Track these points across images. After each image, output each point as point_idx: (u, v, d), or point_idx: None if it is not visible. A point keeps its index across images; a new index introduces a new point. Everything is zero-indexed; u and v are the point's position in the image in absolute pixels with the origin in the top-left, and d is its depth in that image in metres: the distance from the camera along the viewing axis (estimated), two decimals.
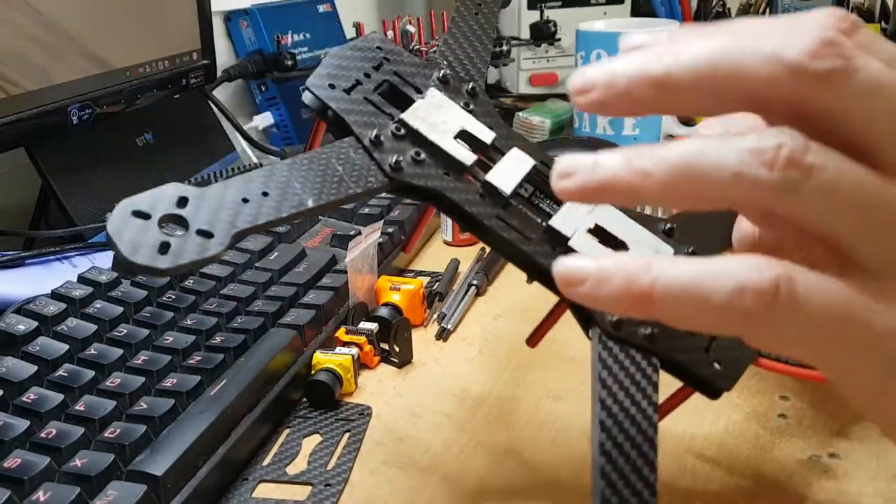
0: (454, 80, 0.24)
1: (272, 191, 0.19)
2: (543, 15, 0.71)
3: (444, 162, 0.22)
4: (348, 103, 0.22)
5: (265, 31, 0.63)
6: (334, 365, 0.31)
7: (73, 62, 0.42)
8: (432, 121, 0.22)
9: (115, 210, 0.17)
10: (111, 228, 0.17)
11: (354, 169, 0.21)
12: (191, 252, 0.17)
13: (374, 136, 0.21)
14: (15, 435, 0.24)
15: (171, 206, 0.18)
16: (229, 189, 0.19)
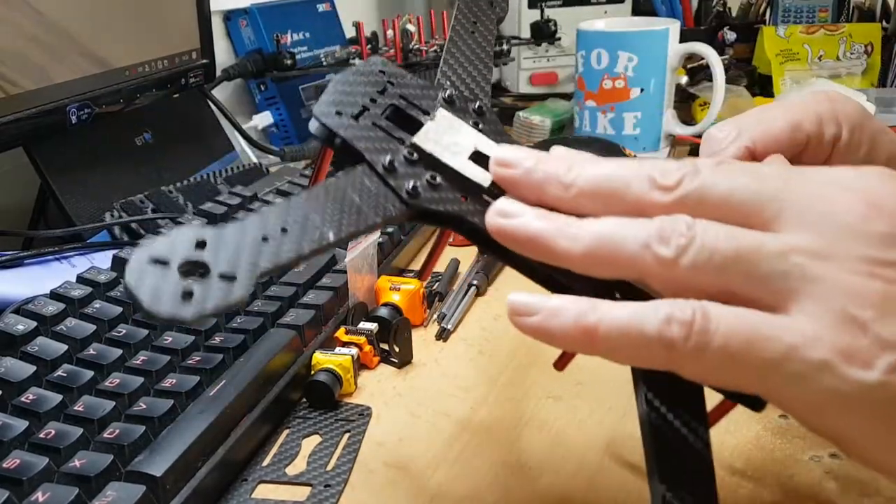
0: (459, 99, 0.23)
1: (291, 227, 0.19)
2: (544, 14, 0.71)
3: (461, 185, 0.22)
4: (357, 130, 0.21)
5: (264, 30, 0.63)
6: (334, 365, 0.31)
7: (73, 62, 0.42)
8: (445, 143, 0.22)
9: (132, 259, 0.17)
10: (129, 279, 0.16)
11: (371, 197, 0.20)
12: (214, 298, 0.17)
13: (388, 162, 0.21)
14: (14, 435, 0.24)
15: (189, 251, 0.17)
16: (248, 228, 0.18)
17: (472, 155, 0.22)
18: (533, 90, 0.75)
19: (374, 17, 0.82)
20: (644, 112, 0.59)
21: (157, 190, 0.47)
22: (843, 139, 0.24)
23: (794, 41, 0.69)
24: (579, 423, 0.29)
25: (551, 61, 0.73)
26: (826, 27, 0.69)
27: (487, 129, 0.23)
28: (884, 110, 0.60)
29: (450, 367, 0.33)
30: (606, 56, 0.58)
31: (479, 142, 0.23)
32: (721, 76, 0.55)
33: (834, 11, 0.73)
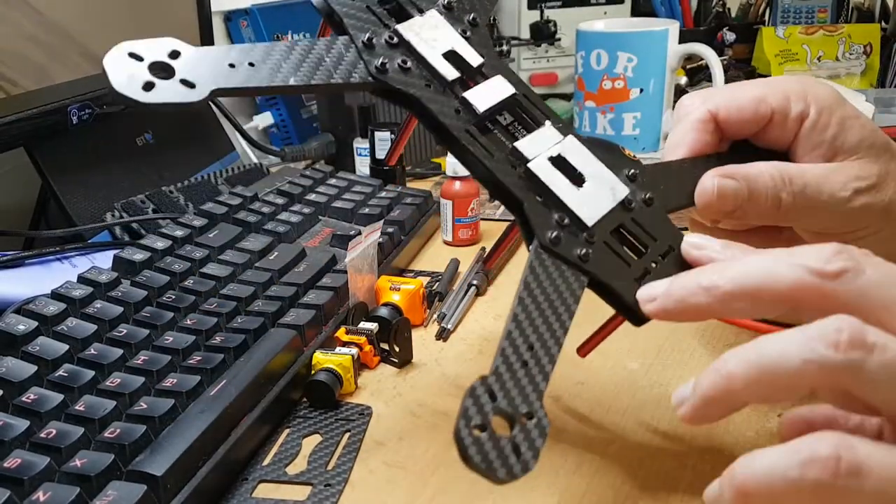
0: (458, 8, 0.25)
1: (258, 63, 0.21)
2: (543, 15, 0.71)
3: (428, 74, 0.23)
4: (351, 8, 0.23)
5: (265, 30, 0.63)
6: (334, 365, 0.31)
7: (73, 62, 0.42)
8: (425, 36, 0.24)
9: (114, 49, 0.19)
10: (107, 61, 0.19)
11: (342, 63, 0.22)
12: (172, 94, 0.19)
13: (367, 38, 0.23)
14: (15, 435, 0.24)
15: (163, 55, 0.20)
16: (220, 53, 0.21)
17: (448, 53, 0.24)
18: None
19: None
20: (643, 112, 0.59)
21: (158, 190, 0.47)
22: (809, 118, 0.24)
23: (794, 42, 0.69)
24: (578, 423, 0.29)
25: (551, 62, 0.74)
26: (825, 28, 0.69)
27: (474, 38, 0.25)
28: (883, 110, 0.60)
29: (450, 367, 0.33)
30: (606, 57, 0.58)
31: (458, 44, 0.24)
32: (720, 77, 0.55)
33: (833, 12, 0.73)
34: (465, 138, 0.23)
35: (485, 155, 0.23)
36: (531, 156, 0.23)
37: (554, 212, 0.23)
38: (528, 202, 0.23)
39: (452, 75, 0.23)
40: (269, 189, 0.46)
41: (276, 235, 0.40)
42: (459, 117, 0.23)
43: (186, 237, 0.38)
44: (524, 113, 0.25)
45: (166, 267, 0.35)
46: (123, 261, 0.35)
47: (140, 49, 0.19)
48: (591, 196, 0.24)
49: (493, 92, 0.24)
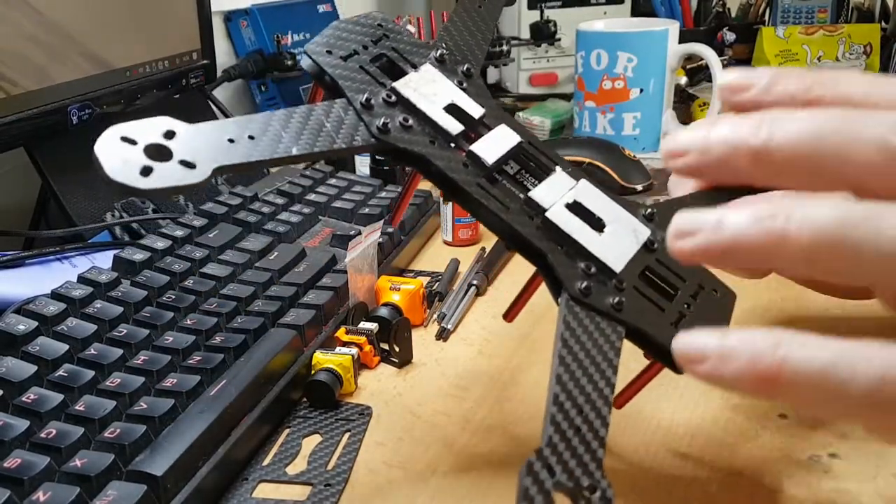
0: (451, 60, 0.24)
1: (259, 136, 0.20)
2: (543, 15, 0.71)
3: (432, 130, 0.23)
4: (344, 69, 0.22)
5: (265, 31, 0.63)
6: (334, 365, 0.31)
7: (73, 62, 0.42)
8: (424, 91, 0.23)
9: (105, 133, 0.18)
10: (98, 147, 0.18)
11: (342, 127, 0.22)
12: (171, 178, 0.18)
13: (365, 99, 0.22)
14: (15, 435, 0.24)
15: (158, 137, 0.19)
16: (216, 129, 0.20)
17: (448, 106, 0.23)
18: (532, 91, 0.75)
19: None
20: (643, 112, 0.59)
21: None
22: None
23: (794, 42, 0.69)
24: None
25: (551, 62, 0.74)
26: (825, 28, 0.69)
27: (471, 90, 0.24)
28: None
29: (450, 367, 0.33)
30: (606, 56, 0.58)
31: (458, 97, 0.24)
32: (720, 76, 0.55)
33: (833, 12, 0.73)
34: (477, 192, 0.22)
35: (500, 208, 0.23)
36: (547, 204, 0.23)
37: (579, 261, 0.22)
38: (552, 253, 0.22)
39: (457, 129, 0.23)
40: (269, 189, 0.46)
41: (276, 235, 0.40)
42: (468, 171, 0.23)
43: (186, 237, 0.38)
44: (531, 160, 0.24)
45: (166, 267, 0.35)
46: (123, 261, 0.35)
47: (132, 132, 0.18)
48: (615, 240, 0.23)
49: (499, 142, 0.23)
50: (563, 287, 0.22)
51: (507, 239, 0.23)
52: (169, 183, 0.18)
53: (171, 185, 0.18)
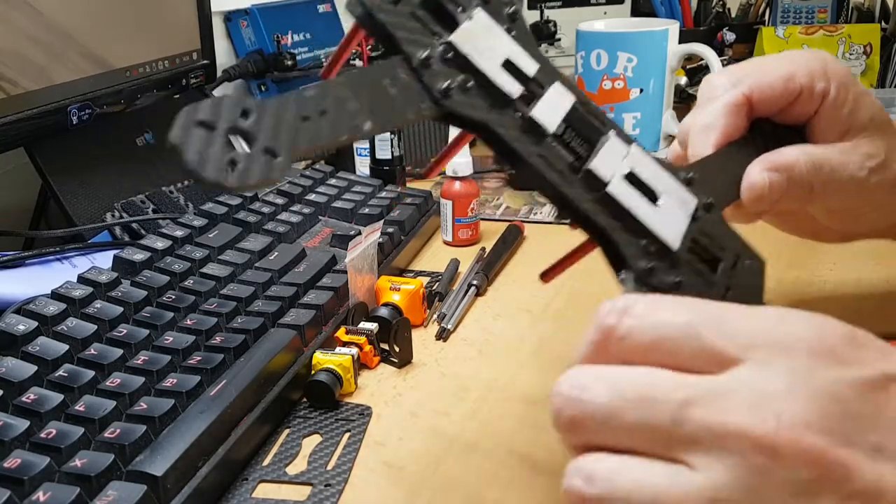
0: (496, 1, 0.23)
1: (330, 109, 0.19)
2: (543, 15, 0.71)
3: (490, 92, 0.22)
4: (396, 17, 0.21)
5: (265, 31, 0.63)
6: (334, 365, 0.31)
7: (73, 62, 0.42)
8: (481, 47, 0.22)
9: (179, 118, 0.17)
10: (175, 138, 0.16)
11: (405, 92, 0.20)
12: (257, 172, 0.17)
13: (425, 57, 0.21)
14: (15, 435, 0.24)
15: (235, 118, 0.17)
16: (289, 105, 0.18)
17: (504, 63, 0.22)
18: None
19: None
20: (643, 112, 0.59)
21: (158, 190, 0.47)
22: (830, 95, 0.25)
23: (794, 42, 0.69)
24: None
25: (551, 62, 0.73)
26: (825, 28, 0.69)
27: (519, 36, 0.23)
28: None
29: (450, 367, 0.33)
30: (606, 57, 0.58)
31: (513, 52, 0.22)
32: None
33: (833, 12, 0.73)
34: (539, 164, 0.22)
35: (561, 181, 0.22)
36: (607, 178, 0.22)
37: (639, 238, 0.22)
38: (614, 230, 0.22)
39: (517, 92, 0.22)
40: (268, 189, 0.46)
41: (276, 235, 0.40)
42: (527, 138, 0.22)
43: (186, 237, 0.38)
44: (583, 123, 0.23)
45: (166, 267, 0.35)
46: (123, 261, 0.35)
47: (209, 114, 0.17)
48: (668, 214, 0.23)
49: (556, 106, 0.23)
50: (627, 266, 0.22)
51: (564, 210, 0.23)
52: (256, 178, 0.17)
53: (258, 181, 0.17)
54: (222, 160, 0.17)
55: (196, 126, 0.17)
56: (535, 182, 0.23)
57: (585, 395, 0.16)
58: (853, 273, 0.39)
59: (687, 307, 0.17)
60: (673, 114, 0.60)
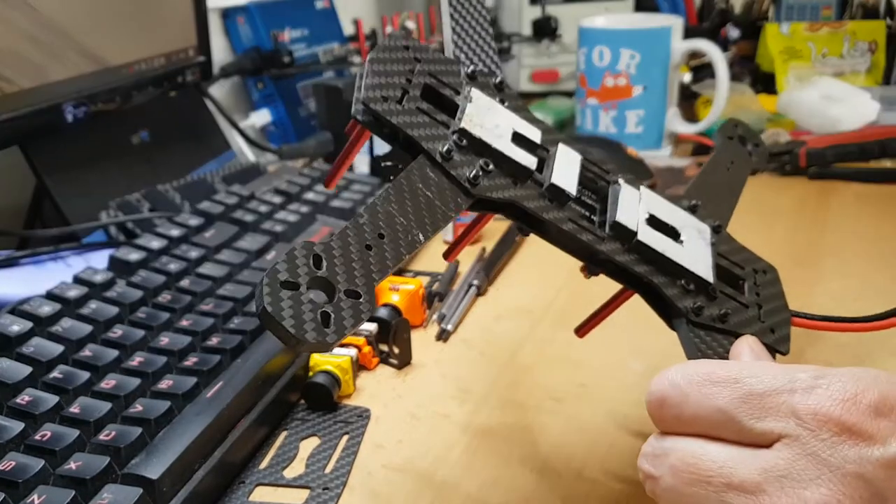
0: (480, 75, 0.24)
1: (386, 232, 0.19)
2: (545, 11, 0.71)
3: (509, 169, 0.22)
4: (406, 116, 0.21)
5: (262, 27, 0.62)
6: (332, 366, 0.30)
7: (69, 60, 0.42)
8: (488, 126, 0.22)
9: (264, 286, 0.17)
10: (271, 308, 0.16)
11: (440, 190, 0.21)
12: (349, 319, 0.17)
13: (445, 150, 0.21)
14: (9, 437, 0.24)
15: (311, 270, 0.18)
16: (349, 239, 0.19)
17: (513, 136, 0.23)
18: (534, 88, 0.74)
19: (374, 14, 0.81)
20: (647, 110, 0.58)
21: (154, 189, 0.46)
22: None
23: (798, 39, 0.68)
24: (581, 426, 0.29)
25: (553, 59, 0.73)
26: (830, 24, 0.68)
27: (512, 105, 0.24)
28: (888, 108, 0.59)
29: (450, 369, 0.33)
30: (608, 53, 0.58)
31: (517, 123, 0.23)
32: (724, 74, 0.55)
33: (838, 9, 0.73)
34: (572, 229, 0.22)
35: (595, 240, 0.22)
36: (634, 226, 0.23)
37: (677, 279, 0.23)
38: (653, 276, 0.22)
39: (533, 164, 0.22)
40: (266, 188, 0.46)
41: (273, 235, 0.40)
42: (553, 206, 0.22)
43: (182, 237, 0.38)
44: (592, 176, 0.24)
45: (162, 267, 0.35)
46: (119, 261, 0.35)
47: (287, 273, 0.17)
48: (694, 248, 0.23)
49: (568, 168, 0.23)
50: (675, 310, 0.22)
51: (599, 267, 0.23)
52: (350, 326, 0.17)
53: (354, 327, 0.17)
54: (317, 319, 0.17)
55: (282, 289, 0.17)
56: (569, 245, 0.23)
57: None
58: (858, 271, 0.39)
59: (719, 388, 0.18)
60: (676, 111, 0.60)
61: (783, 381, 0.17)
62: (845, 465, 0.16)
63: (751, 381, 0.17)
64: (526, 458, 0.27)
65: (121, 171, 0.47)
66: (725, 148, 0.29)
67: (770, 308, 0.24)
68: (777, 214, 0.48)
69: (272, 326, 0.16)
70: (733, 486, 0.17)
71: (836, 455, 0.16)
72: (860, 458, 0.16)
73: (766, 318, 0.24)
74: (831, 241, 0.43)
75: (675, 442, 0.18)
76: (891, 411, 0.16)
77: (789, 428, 0.16)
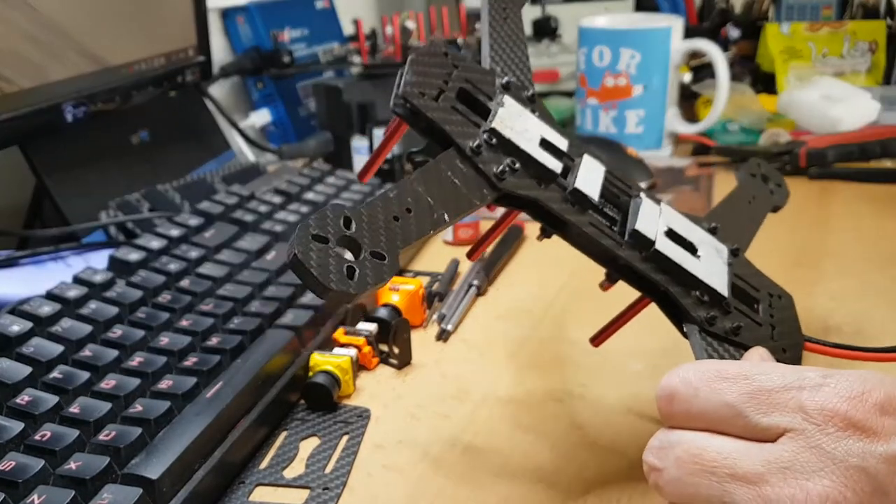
0: (514, 87, 0.25)
1: (414, 208, 0.21)
2: (545, 11, 0.71)
3: (535, 170, 0.23)
4: (442, 112, 0.23)
5: (262, 27, 0.62)
6: (332, 366, 0.30)
7: (68, 59, 0.42)
8: (518, 129, 0.23)
9: (297, 235, 0.18)
10: (301, 255, 0.17)
11: (467, 180, 0.22)
12: (372, 276, 0.18)
13: (476, 145, 0.22)
14: (9, 437, 0.24)
15: (340, 228, 0.19)
16: (378, 208, 0.20)
17: (541, 142, 0.24)
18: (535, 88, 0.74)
19: (374, 14, 0.81)
20: (647, 110, 0.58)
21: (154, 189, 0.46)
22: None
23: (798, 38, 0.68)
24: (582, 426, 0.29)
25: (552, 58, 0.73)
26: (830, 24, 0.68)
27: (543, 116, 0.25)
28: (888, 108, 0.59)
29: (450, 369, 0.33)
30: (609, 53, 0.58)
31: (545, 130, 0.24)
32: (725, 74, 0.55)
33: (838, 9, 0.73)
34: (592, 232, 0.23)
35: (614, 245, 0.23)
36: (653, 236, 0.23)
37: (692, 290, 0.23)
38: (670, 285, 0.23)
39: (559, 168, 0.23)
40: (266, 188, 0.46)
41: (273, 235, 0.40)
42: (575, 209, 0.23)
43: (182, 237, 0.38)
44: (614, 189, 0.25)
45: (162, 267, 0.35)
46: (118, 261, 0.35)
47: (319, 227, 0.18)
48: (711, 264, 0.24)
49: (592, 176, 0.24)
50: (689, 318, 0.23)
51: (617, 272, 0.24)
52: (373, 282, 0.18)
53: (375, 285, 0.18)
54: (342, 271, 0.18)
55: (312, 241, 0.18)
56: (589, 248, 0.24)
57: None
58: (859, 272, 0.39)
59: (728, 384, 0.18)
60: (677, 111, 0.60)
61: (792, 379, 0.17)
62: (849, 459, 0.16)
63: (760, 378, 0.17)
64: (526, 459, 0.27)
65: (121, 171, 0.47)
66: (748, 184, 0.30)
67: (783, 330, 0.24)
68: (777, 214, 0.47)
69: (301, 272, 0.17)
70: (737, 477, 0.17)
71: (841, 448, 0.16)
72: (864, 452, 0.16)
73: (779, 338, 0.24)
74: (831, 242, 0.43)
75: (682, 435, 0.18)
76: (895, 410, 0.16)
77: (795, 422, 0.17)
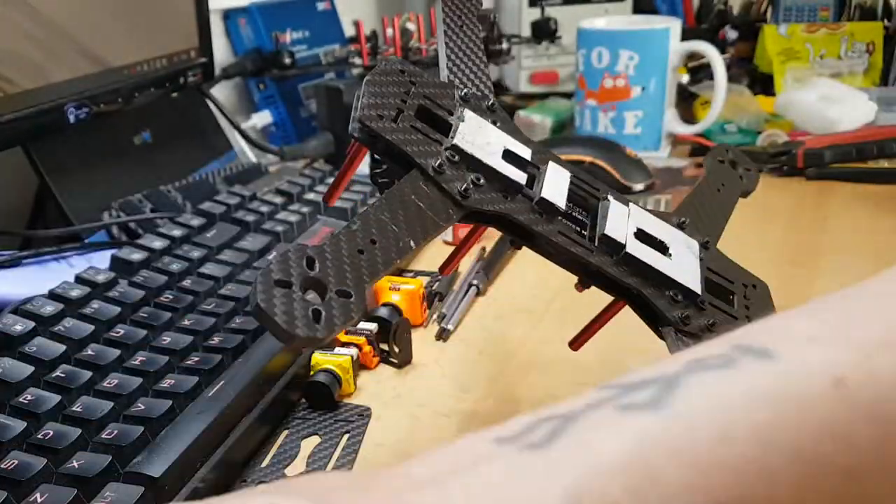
0: (473, 98, 0.24)
1: (378, 238, 0.20)
2: (544, 12, 0.71)
3: (500, 184, 0.23)
4: (401, 133, 0.22)
5: (263, 29, 0.63)
6: (333, 366, 0.31)
7: (71, 60, 0.42)
8: (479, 143, 0.23)
9: (259, 283, 0.17)
10: (264, 304, 0.17)
11: (431, 202, 0.22)
12: (339, 317, 0.18)
13: (438, 164, 0.22)
14: (12, 436, 0.24)
15: (304, 270, 0.18)
16: (341, 243, 0.19)
17: (504, 153, 0.23)
18: (533, 89, 0.75)
19: (374, 16, 0.81)
20: (645, 111, 0.59)
21: (156, 189, 0.46)
22: None
23: (796, 40, 0.69)
24: None
25: (552, 60, 0.73)
26: (827, 26, 0.69)
27: (504, 127, 0.24)
28: (886, 109, 0.59)
29: (450, 368, 0.33)
30: (607, 54, 0.58)
31: (507, 141, 0.24)
32: (722, 75, 0.55)
33: (835, 10, 0.73)
34: (562, 241, 0.23)
35: (585, 252, 0.23)
36: (623, 239, 0.23)
37: (665, 290, 0.23)
38: (643, 288, 0.23)
39: (523, 179, 0.23)
40: (267, 188, 0.46)
41: (274, 235, 0.40)
42: (543, 219, 0.23)
43: (184, 237, 0.38)
44: (581, 193, 0.25)
45: (164, 267, 0.35)
46: (121, 261, 0.35)
47: (280, 272, 0.17)
48: (682, 262, 0.24)
49: (558, 183, 0.24)
50: (664, 320, 0.23)
51: (589, 278, 0.24)
52: (341, 323, 0.18)
53: (343, 325, 0.18)
54: (308, 315, 0.17)
55: (275, 287, 0.17)
56: (560, 257, 0.24)
57: None
58: (856, 271, 0.39)
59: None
60: (675, 112, 0.60)
61: None
62: None
63: None
64: None
65: (123, 172, 0.47)
66: (716, 171, 0.29)
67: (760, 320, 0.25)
68: (775, 215, 0.48)
69: (265, 321, 0.17)
70: None
71: None
72: None
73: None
74: (829, 242, 0.43)
75: None
76: None
77: None
